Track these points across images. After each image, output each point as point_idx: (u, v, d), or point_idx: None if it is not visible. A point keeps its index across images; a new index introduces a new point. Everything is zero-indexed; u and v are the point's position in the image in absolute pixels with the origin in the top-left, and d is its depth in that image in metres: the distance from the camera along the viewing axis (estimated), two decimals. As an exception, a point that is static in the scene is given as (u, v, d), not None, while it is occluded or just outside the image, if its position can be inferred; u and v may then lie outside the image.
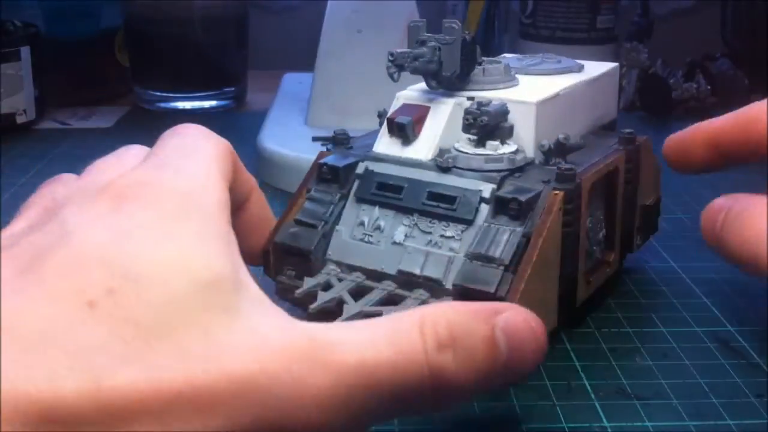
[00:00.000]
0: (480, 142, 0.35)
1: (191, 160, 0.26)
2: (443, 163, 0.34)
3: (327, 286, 0.33)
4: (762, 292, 0.39)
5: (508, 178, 0.34)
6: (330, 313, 0.32)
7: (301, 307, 0.33)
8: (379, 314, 0.27)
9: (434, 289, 0.32)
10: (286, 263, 0.35)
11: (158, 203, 0.23)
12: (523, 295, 0.30)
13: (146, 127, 0.27)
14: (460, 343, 0.23)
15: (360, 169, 0.36)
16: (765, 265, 0.29)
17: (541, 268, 0.31)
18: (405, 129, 0.35)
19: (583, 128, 0.39)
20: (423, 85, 0.37)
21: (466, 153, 0.34)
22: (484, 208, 0.33)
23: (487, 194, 0.33)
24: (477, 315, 0.24)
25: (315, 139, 0.55)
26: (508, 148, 0.35)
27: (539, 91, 0.37)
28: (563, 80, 0.39)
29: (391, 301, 0.32)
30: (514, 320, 0.24)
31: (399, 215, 0.34)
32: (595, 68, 0.42)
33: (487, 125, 0.34)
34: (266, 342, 0.21)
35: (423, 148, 0.35)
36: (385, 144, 0.36)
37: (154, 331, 0.20)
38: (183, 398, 0.19)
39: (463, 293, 0.31)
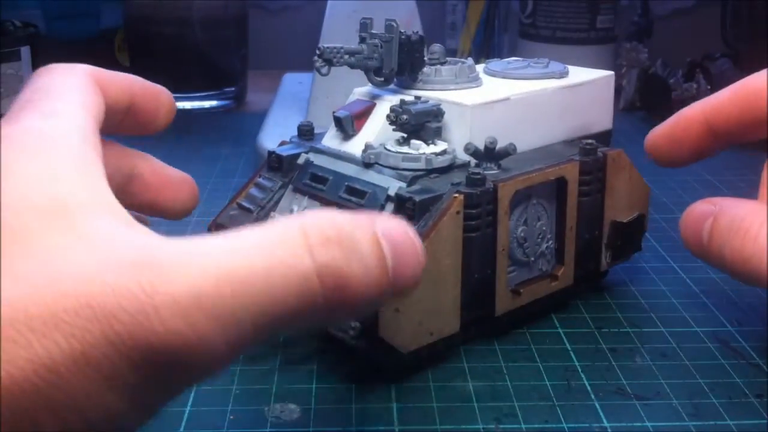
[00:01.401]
0: (406, 141, 0.35)
1: (49, 97, 0.26)
2: (365, 159, 0.34)
3: None
4: (762, 292, 0.39)
5: (423, 178, 0.33)
6: None
7: None
8: None
9: None
10: None
11: (6, 142, 0.23)
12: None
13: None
14: (348, 241, 0.22)
15: (301, 159, 0.37)
16: (766, 279, 0.29)
17: (425, 270, 0.31)
18: (342, 123, 0.36)
19: (549, 135, 0.38)
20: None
21: (388, 150, 0.34)
22: (390, 206, 0.33)
23: (393, 192, 0.33)
24: (356, 219, 0.23)
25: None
26: (434, 148, 0.34)
27: (488, 94, 0.36)
28: (533, 85, 0.38)
29: None
30: (392, 225, 0.23)
31: (323, 206, 0.35)
32: (583, 75, 0.40)
33: (407, 124, 0.34)
34: (113, 257, 0.20)
35: (360, 144, 0.35)
36: (330, 137, 0.37)
37: None
38: (17, 321, 0.19)
39: None
